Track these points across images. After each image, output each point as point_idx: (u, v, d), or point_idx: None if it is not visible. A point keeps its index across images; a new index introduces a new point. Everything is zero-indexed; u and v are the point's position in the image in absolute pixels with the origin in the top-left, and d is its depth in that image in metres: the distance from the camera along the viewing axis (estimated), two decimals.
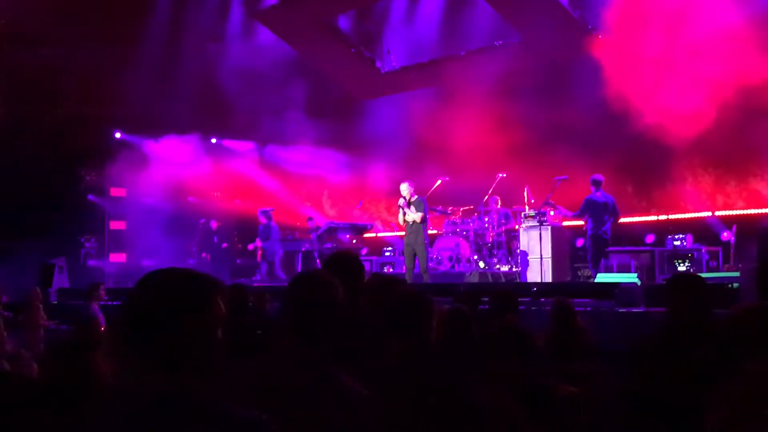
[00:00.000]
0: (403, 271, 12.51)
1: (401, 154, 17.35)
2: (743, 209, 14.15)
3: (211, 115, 17.88)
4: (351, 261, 3.82)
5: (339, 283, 2.84)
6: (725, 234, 13.23)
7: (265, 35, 18.70)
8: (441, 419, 3.03)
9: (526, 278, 12.95)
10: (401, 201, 11.91)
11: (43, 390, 2.86)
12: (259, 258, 15.71)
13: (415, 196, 12.01)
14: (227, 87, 17.38)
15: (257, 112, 17.83)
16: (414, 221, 11.82)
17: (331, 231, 15.87)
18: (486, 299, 6.55)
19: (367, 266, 10.02)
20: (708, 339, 3.91)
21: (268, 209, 15.68)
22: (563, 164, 13.83)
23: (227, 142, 19.31)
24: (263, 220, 15.50)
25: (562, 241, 13.29)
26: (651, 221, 15.09)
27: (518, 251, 13.49)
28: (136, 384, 1.99)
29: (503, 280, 13.32)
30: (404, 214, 11.89)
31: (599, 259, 12.19)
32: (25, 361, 6.00)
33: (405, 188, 11.94)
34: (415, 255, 11.95)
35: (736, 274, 8.87)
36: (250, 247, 15.96)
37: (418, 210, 11.83)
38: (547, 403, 4.00)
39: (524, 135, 15.06)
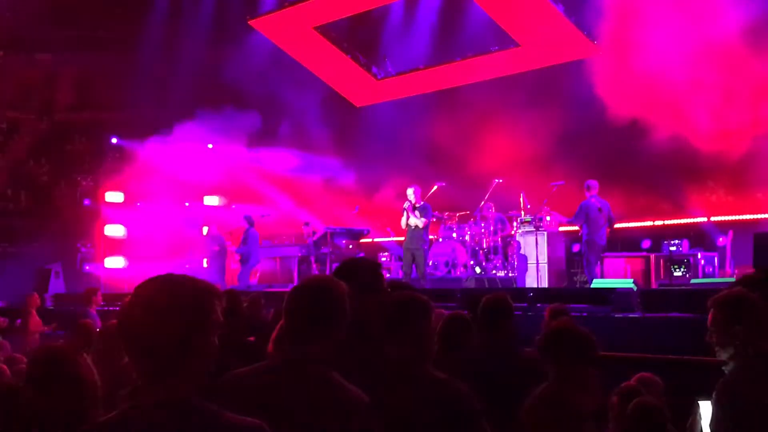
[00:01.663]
0: (400, 276, 12.50)
1: (397, 160, 17.37)
2: (739, 214, 14.17)
3: (208, 120, 17.87)
4: (368, 272, 3.55)
5: (347, 290, 2.80)
6: (721, 239, 13.25)
7: (262, 41, 18.74)
8: (440, 425, 3.04)
9: (522, 284, 12.95)
10: (407, 204, 11.90)
11: (25, 397, 2.86)
12: (238, 259, 15.56)
13: (421, 202, 12.03)
14: (224, 92, 17.38)
15: (254, 117, 17.84)
16: (416, 226, 11.83)
17: (328, 236, 15.85)
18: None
19: None
20: None
21: (251, 215, 15.55)
22: (558, 169, 13.86)
23: (224, 147, 19.29)
24: (245, 225, 15.40)
25: (557, 246, 13.30)
26: (647, 226, 15.11)
27: (514, 256, 13.50)
28: (133, 391, 1.99)
29: (499, 285, 13.32)
30: (408, 218, 11.89)
31: (595, 264, 12.20)
32: (20, 366, 5.99)
33: (411, 193, 11.97)
34: (413, 259, 11.95)
35: (732, 279, 8.89)
36: (237, 256, 15.80)
37: (422, 215, 11.84)
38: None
39: (520, 141, 15.10)
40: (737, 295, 3.58)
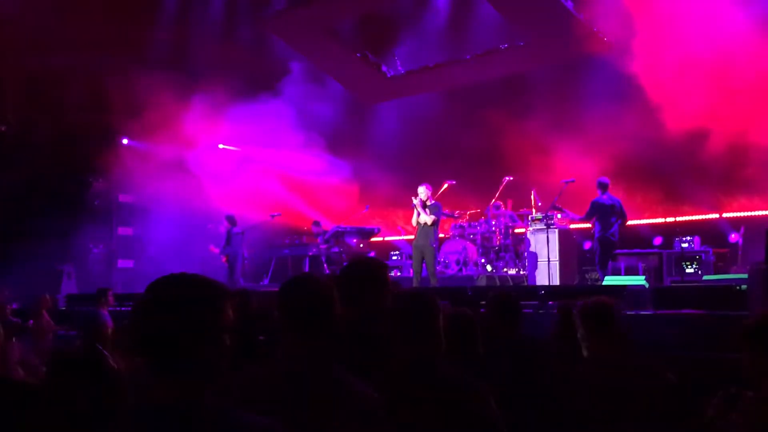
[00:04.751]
0: (411, 275, 12.50)
1: (407, 158, 17.37)
2: (751, 210, 14.10)
3: (218, 120, 17.91)
4: (372, 271, 3.72)
5: (331, 284, 2.87)
6: (733, 235, 13.20)
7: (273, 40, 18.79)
8: (449, 422, 3.04)
9: (533, 281, 12.94)
10: (416, 201, 11.88)
11: (48, 397, 2.88)
12: (224, 260, 15.42)
13: (432, 201, 12.01)
14: (233, 92, 17.41)
15: (264, 116, 17.86)
16: (425, 224, 11.82)
17: (338, 235, 15.87)
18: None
19: None
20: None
21: (233, 215, 15.48)
22: (570, 167, 13.83)
23: (235, 147, 19.35)
24: (227, 224, 15.31)
25: (569, 243, 13.27)
26: (658, 223, 15.07)
27: (525, 254, 13.48)
28: (145, 391, 2.00)
29: (511, 283, 13.32)
30: (418, 215, 11.88)
31: (607, 262, 12.16)
32: (32, 367, 6.03)
33: (422, 191, 11.93)
34: (423, 258, 11.94)
35: (744, 275, 8.84)
36: (221, 255, 15.61)
37: (432, 213, 11.83)
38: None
39: (530, 138, 15.08)
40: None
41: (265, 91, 17.76)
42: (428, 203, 11.91)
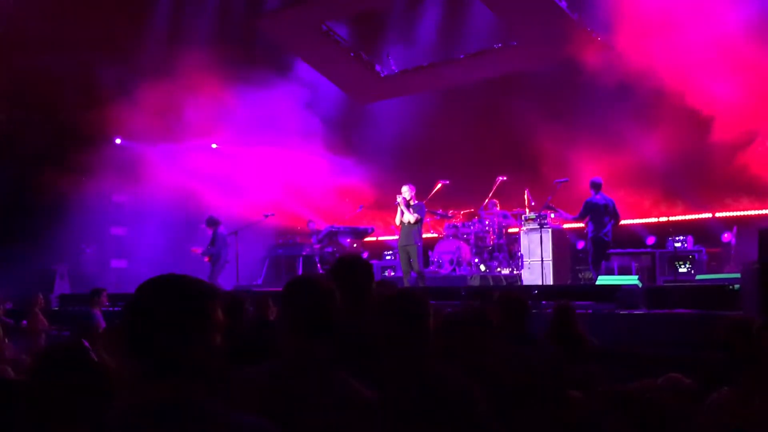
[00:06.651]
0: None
1: (401, 158, 17.36)
2: (744, 210, 14.13)
3: (213, 120, 17.88)
4: (357, 267, 3.81)
5: (333, 285, 2.89)
6: (726, 235, 13.22)
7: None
8: (446, 421, 3.04)
9: (522, 281, 12.96)
10: (399, 199, 11.93)
11: (31, 390, 2.86)
12: (207, 260, 15.24)
13: (415, 201, 12.04)
14: (228, 92, 17.38)
15: (258, 117, 17.84)
16: (409, 222, 11.87)
17: (332, 235, 15.84)
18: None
19: None
20: None
21: (214, 215, 15.31)
22: (562, 166, 13.85)
23: (228, 147, 19.31)
24: (210, 225, 15.13)
25: (562, 243, 13.29)
26: (651, 223, 15.08)
27: (519, 254, 13.49)
28: (136, 391, 1.99)
29: (504, 283, 13.32)
30: (402, 213, 11.93)
31: (600, 262, 12.17)
32: (25, 366, 6.00)
33: (406, 190, 11.99)
34: (409, 257, 11.97)
35: (737, 275, 8.87)
36: (203, 255, 15.41)
37: (415, 212, 11.88)
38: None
39: (523, 137, 15.08)
40: None
41: (262, 90, 17.71)
42: (412, 203, 11.96)
